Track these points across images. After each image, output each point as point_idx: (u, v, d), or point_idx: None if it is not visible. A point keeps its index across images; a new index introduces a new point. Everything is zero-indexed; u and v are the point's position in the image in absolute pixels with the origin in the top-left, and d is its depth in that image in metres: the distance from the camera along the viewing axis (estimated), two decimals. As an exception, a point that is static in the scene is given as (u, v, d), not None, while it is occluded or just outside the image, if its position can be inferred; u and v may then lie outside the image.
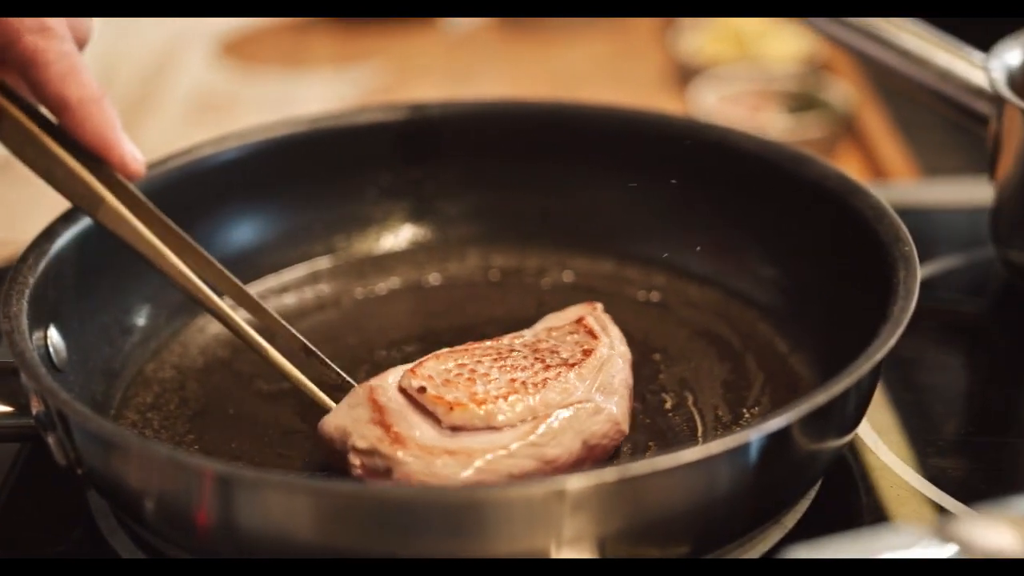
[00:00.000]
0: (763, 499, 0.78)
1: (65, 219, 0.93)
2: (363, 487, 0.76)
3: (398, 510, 0.71)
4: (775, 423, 0.73)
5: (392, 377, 0.83)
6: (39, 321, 0.85)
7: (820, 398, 0.74)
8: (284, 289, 1.06)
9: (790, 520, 0.82)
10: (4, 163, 1.73)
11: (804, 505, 0.84)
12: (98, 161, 0.87)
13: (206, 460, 0.72)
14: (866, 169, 1.63)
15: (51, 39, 0.83)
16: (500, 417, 0.79)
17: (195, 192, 1.02)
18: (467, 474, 0.77)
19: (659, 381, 0.94)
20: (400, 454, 0.77)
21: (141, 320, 0.98)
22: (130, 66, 2.03)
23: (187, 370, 0.96)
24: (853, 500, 0.86)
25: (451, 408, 0.79)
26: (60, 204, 0.93)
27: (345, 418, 0.80)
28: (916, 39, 1.10)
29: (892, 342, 0.78)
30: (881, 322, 0.81)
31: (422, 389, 0.80)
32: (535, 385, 0.81)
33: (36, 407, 0.79)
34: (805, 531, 0.82)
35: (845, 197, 0.94)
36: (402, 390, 0.81)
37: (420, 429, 0.78)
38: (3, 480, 0.88)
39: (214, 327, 1.00)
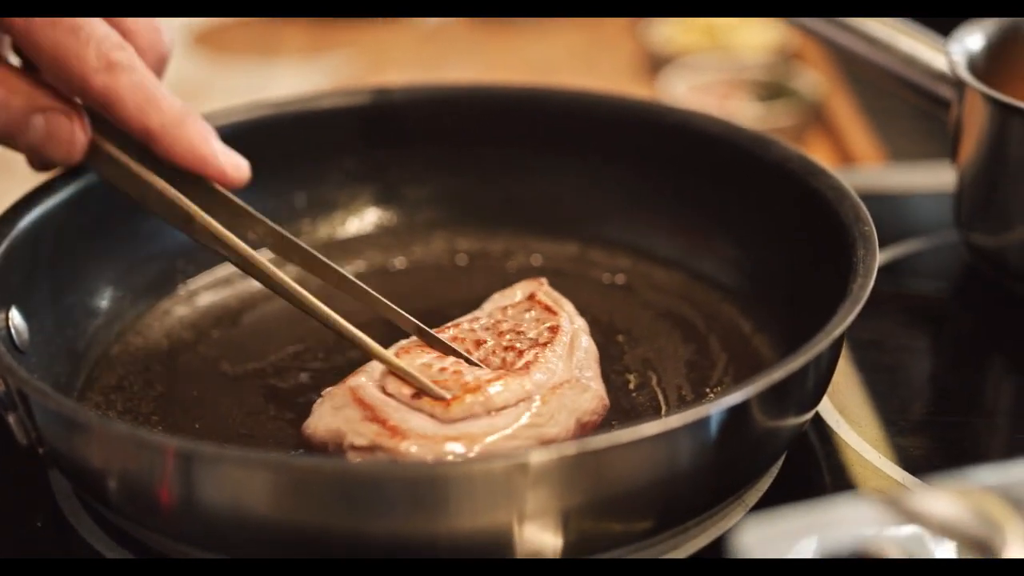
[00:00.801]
0: (724, 475, 0.78)
1: (25, 202, 0.92)
2: (324, 462, 0.76)
3: (360, 484, 0.71)
4: (734, 398, 0.73)
5: (365, 376, 0.83)
6: (1, 302, 0.85)
7: (779, 373, 0.75)
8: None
9: (752, 497, 0.83)
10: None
11: (766, 483, 0.84)
12: (197, 178, 0.89)
13: (166, 437, 0.72)
14: (835, 156, 1.64)
15: (120, 74, 0.84)
16: (496, 400, 0.79)
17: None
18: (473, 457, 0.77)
19: (623, 362, 0.94)
20: (404, 445, 0.77)
21: (105, 302, 0.97)
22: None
23: (152, 352, 0.96)
24: (815, 478, 0.87)
25: (450, 406, 0.79)
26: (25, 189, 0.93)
27: (334, 420, 0.80)
28: (880, 25, 1.11)
29: (850, 319, 0.79)
30: (840, 300, 0.81)
31: (416, 395, 0.80)
32: (521, 367, 0.81)
33: (-3, 387, 0.79)
34: (766, 508, 0.82)
35: (806, 179, 0.94)
36: (387, 394, 0.81)
37: (415, 421, 0.78)
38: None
39: (179, 310, 1.01)
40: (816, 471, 0.87)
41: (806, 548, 0.54)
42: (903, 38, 1.10)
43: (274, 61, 1.99)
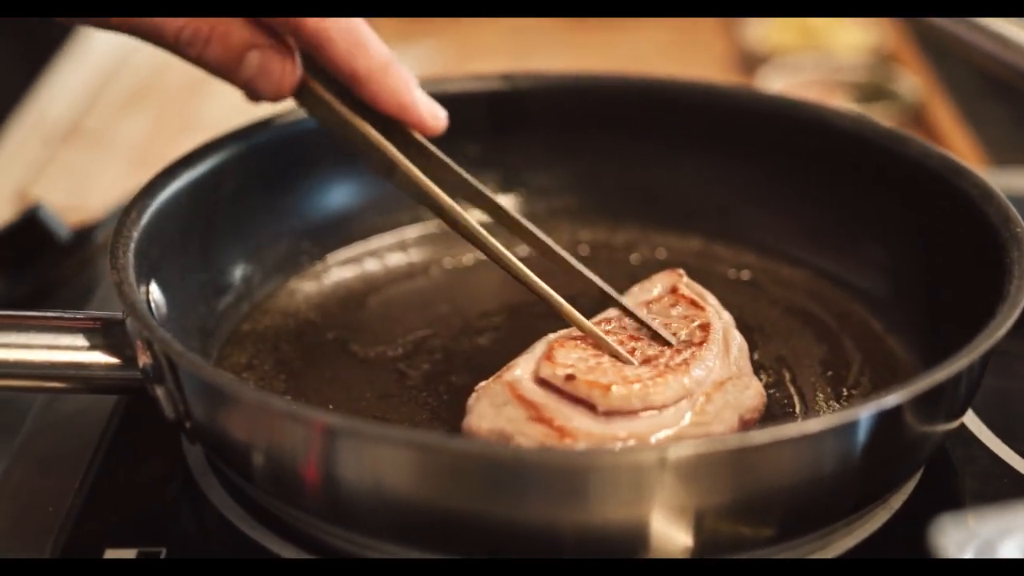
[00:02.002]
0: (872, 478, 0.77)
1: (164, 176, 0.92)
2: (480, 444, 0.75)
3: (508, 469, 0.70)
4: (893, 398, 0.72)
5: (521, 370, 0.82)
6: (142, 276, 0.85)
7: (939, 376, 0.74)
8: (374, 255, 1.05)
9: (896, 501, 0.82)
10: (69, 131, 1.74)
11: (910, 486, 0.83)
12: (397, 124, 0.90)
13: (326, 413, 0.71)
14: (935, 161, 1.62)
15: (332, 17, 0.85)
16: (658, 397, 0.78)
17: (287, 155, 1.02)
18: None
19: (755, 359, 0.93)
20: (575, 448, 0.76)
21: (235, 281, 0.97)
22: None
23: (280, 332, 0.96)
24: (958, 483, 0.85)
25: (608, 389, 0.77)
26: (123, 171, 0.93)
27: (497, 419, 0.78)
28: (1008, 23, 1.09)
29: (1010, 322, 0.77)
30: (996, 302, 0.80)
31: (570, 377, 0.78)
32: (679, 365, 0.80)
33: (143, 359, 0.79)
34: (911, 514, 0.81)
35: (949, 177, 0.93)
36: (542, 382, 0.80)
37: (579, 419, 0.77)
38: (100, 434, 0.88)
39: (306, 290, 1.00)
40: (957, 476, 0.86)
41: (1010, 550, 0.53)
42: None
43: (363, 48, 1.99)
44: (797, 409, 0.89)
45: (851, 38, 1.86)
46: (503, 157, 1.10)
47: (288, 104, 1.02)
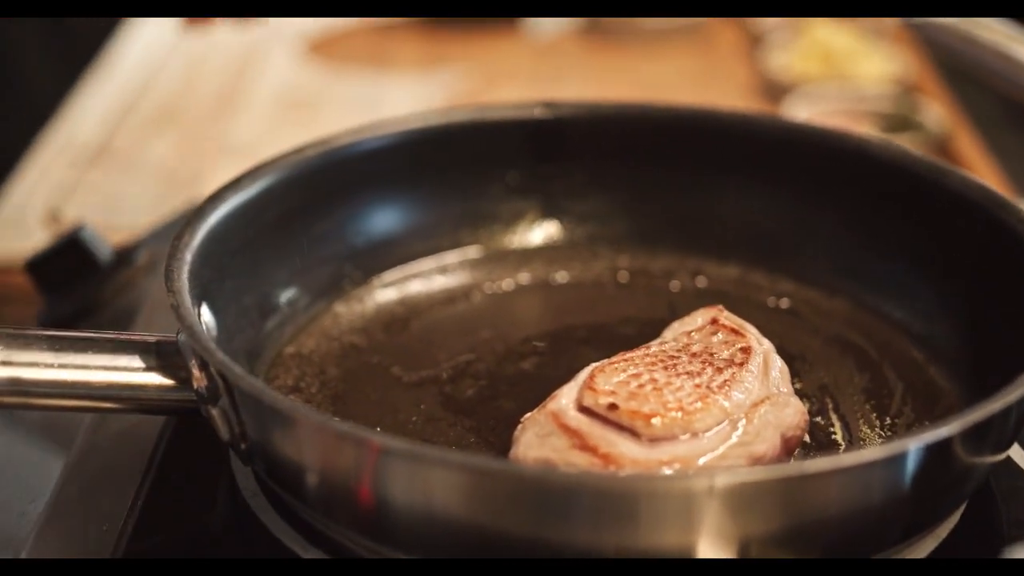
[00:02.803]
0: (919, 508, 0.77)
1: (213, 200, 0.94)
2: (555, 471, 0.76)
3: (562, 493, 0.71)
4: (946, 430, 0.73)
5: (565, 399, 0.82)
6: (194, 298, 0.86)
7: (990, 408, 0.74)
8: (414, 280, 1.06)
9: (944, 530, 0.82)
10: (97, 152, 1.75)
11: (956, 516, 0.83)
12: None
13: (384, 436, 0.72)
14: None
15: None
16: (700, 424, 0.79)
17: (331, 180, 1.03)
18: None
19: (797, 386, 0.94)
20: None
21: (281, 303, 0.98)
22: (215, 61, 2.04)
23: (325, 355, 0.97)
24: (1000, 517, 0.86)
25: (651, 420, 0.78)
26: (151, 191, 0.93)
27: (543, 449, 0.79)
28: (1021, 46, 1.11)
29: (1060, 353, 0.78)
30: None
31: (613, 406, 0.79)
32: (719, 388, 0.81)
33: (198, 381, 0.79)
34: (956, 544, 0.82)
35: (991, 209, 0.94)
36: (584, 409, 0.80)
37: (623, 446, 0.78)
38: (151, 454, 0.88)
39: (349, 313, 1.01)
40: (1000, 507, 0.86)
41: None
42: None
43: (387, 73, 2.00)
44: (840, 437, 0.89)
45: (874, 67, 1.87)
46: (544, 185, 1.11)
47: (330, 130, 1.03)
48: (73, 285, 1.12)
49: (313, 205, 1.02)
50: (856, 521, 0.74)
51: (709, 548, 0.72)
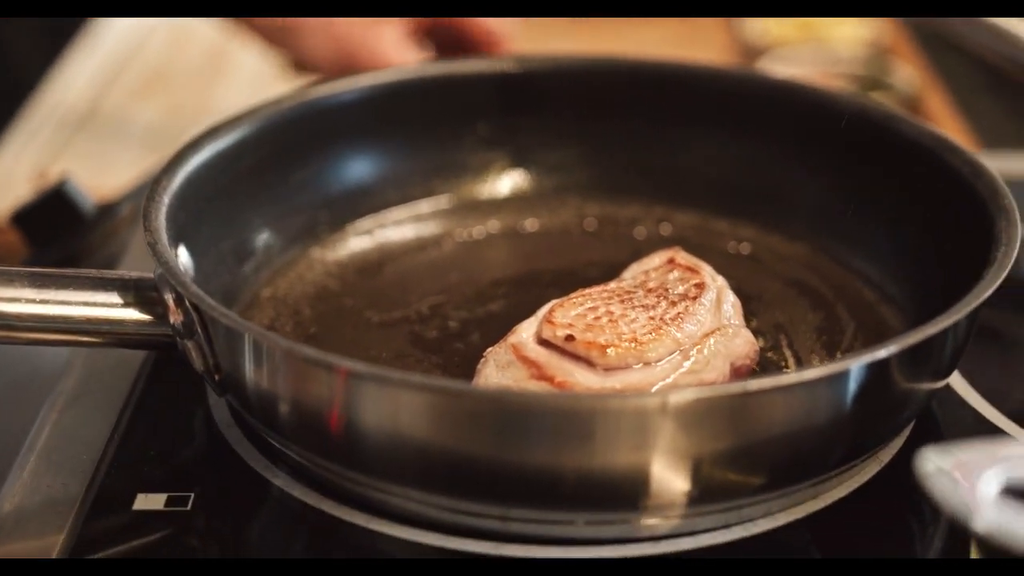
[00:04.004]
0: (859, 432, 0.81)
1: (191, 147, 0.97)
2: (507, 391, 0.80)
3: (518, 413, 0.74)
4: (880, 353, 0.76)
5: (526, 332, 0.86)
6: (172, 240, 0.89)
7: (927, 331, 0.78)
8: (388, 227, 1.09)
9: (886, 455, 0.86)
10: (86, 115, 1.78)
11: (898, 443, 0.87)
12: None
13: (349, 360, 0.75)
14: (930, 150, 1.66)
15: None
16: (652, 353, 0.82)
17: (307, 130, 1.06)
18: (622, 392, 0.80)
19: (753, 325, 0.97)
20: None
21: (257, 248, 1.02)
22: (205, 27, 2.07)
23: (300, 297, 1.00)
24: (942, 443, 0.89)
25: (606, 350, 0.82)
26: (138, 154, 0.97)
27: (502, 379, 0.83)
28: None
29: (996, 284, 0.82)
30: (978, 269, 0.84)
31: (569, 337, 0.83)
32: (672, 320, 0.85)
33: (174, 315, 0.83)
34: (899, 467, 0.85)
35: (941, 155, 0.97)
36: (543, 342, 0.84)
37: (579, 375, 0.81)
38: (130, 388, 0.92)
39: (324, 259, 1.05)
40: (944, 435, 0.90)
41: (994, 477, 0.57)
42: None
43: (372, 38, 2.03)
44: (792, 369, 0.93)
45: (849, 31, 1.90)
46: (514, 136, 1.14)
47: (305, 80, 1.06)
48: (57, 236, 1.15)
49: (289, 154, 1.05)
50: (800, 441, 0.78)
51: (662, 467, 0.75)
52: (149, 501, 0.82)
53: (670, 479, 0.76)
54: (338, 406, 0.77)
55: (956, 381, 0.93)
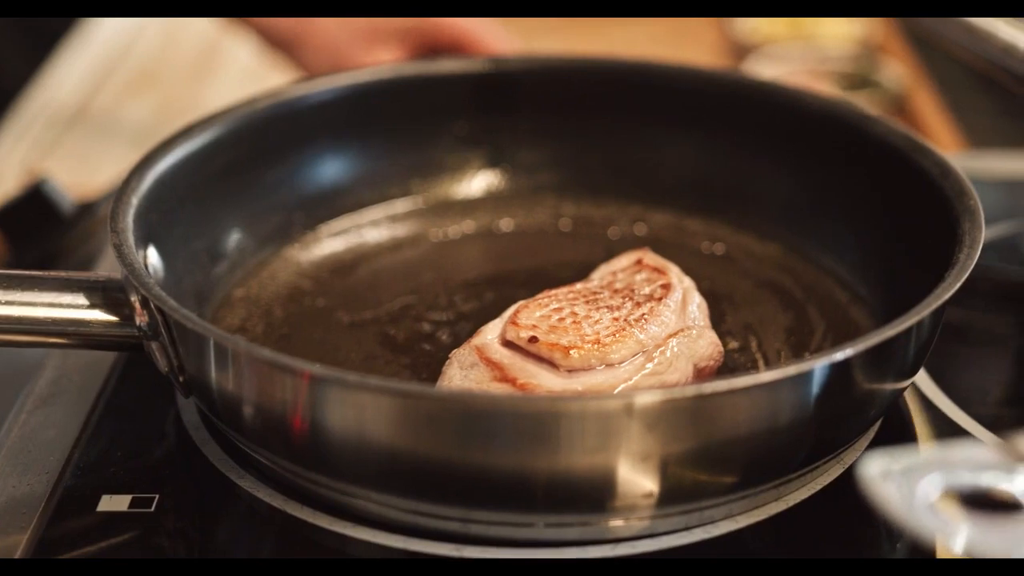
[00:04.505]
0: (823, 432, 0.81)
1: (164, 148, 0.97)
2: (461, 392, 0.80)
3: (490, 416, 0.74)
4: (840, 354, 0.76)
5: (491, 334, 0.86)
6: (141, 240, 0.90)
7: (887, 333, 0.78)
8: (363, 227, 1.10)
9: (850, 457, 0.86)
10: (76, 113, 1.79)
11: (863, 444, 0.87)
12: None
13: (307, 363, 0.76)
14: (917, 148, 1.66)
15: None
16: (615, 355, 0.82)
17: (283, 130, 1.07)
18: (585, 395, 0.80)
19: (724, 326, 0.97)
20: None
21: (229, 248, 1.02)
22: (196, 25, 2.08)
23: (273, 297, 1.01)
24: (907, 445, 0.90)
25: (568, 352, 0.82)
26: (127, 152, 0.98)
27: (465, 380, 0.83)
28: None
29: (957, 286, 0.82)
30: (945, 269, 0.84)
31: (533, 339, 0.83)
32: (636, 321, 0.85)
33: (140, 317, 0.83)
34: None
35: (911, 155, 0.98)
36: (507, 343, 0.84)
37: (541, 377, 0.82)
38: (100, 389, 0.92)
39: (298, 259, 1.05)
40: (909, 436, 0.90)
41: (933, 482, 0.57)
42: (1002, 26, 1.13)
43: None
44: (762, 370, 0.93)
45: (839, 28, 1.90)
46: (491, 135, 1.14)
47: (283, 80, 1.07)
48: (37, 235, 1.16)
49: (264, 154, 1.06)
50: (761, 443, 0.78)
51: (620, 469, 0.75)
52: (114, 503, 0.82)
53: (629, 482, 0.76)
54: (300, 409, 0.77)
55: (923, 380, 0.94)
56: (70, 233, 1.17)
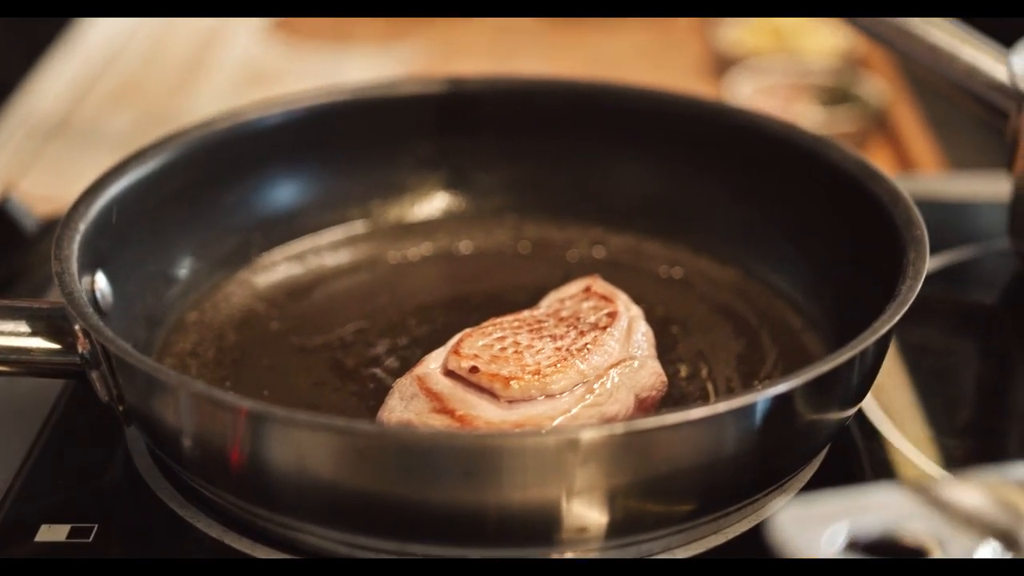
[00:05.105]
0: (766, 463, 0.81)
1: (116, 171, 0.97)
2: (386, 429, 0.80)
3: (418, 452, 0.74)
4: (778, 388, 0.76)
5: (434, 363, 0.86)
6: (88, 266, 0.90)
7: (822, 368, 0.78)
8: (321, 250, 1.10)
9: (793, 487, 0.86)
10: (59, 124, 1.79)
11: (808, 474, 0.87)
12: None
13: (238, 397, 0.76)
14: (896, 163, 1.65)
15: None
16: (555, 385, 0.82)
17: (240, 152, 1.07)
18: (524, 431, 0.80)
19: (676, 352, 0.97)
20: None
21: (184, 272, 1.02)
22: (180, 37, 2.08)
23: (226, 321, 1.01)
24: (856, 474, 0.89)
25: (508, 383, 0.82)
26: (107, 164, 0.98)
27: (405, 412, 0.83)
28: (943, 34, 1.13)
29: (895, 319, 0.81)
30: (888, 300, 0.84)
31: (474, 369, 0.83)
32: (579, 351, 0.85)
33: (82, 346, 0.83)
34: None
35: (864, 182, 0.97)
36: (450, 373, 0.84)
37: (481, 408, 0.81)
38: (45, 418, 0.92)
39: (254, 282, 1.05)
40: (858, 467, 0.90)
41: (838, 532, 0.57)
42: (965, 48, 1.13)
43: (347, 49, 2.03)
44: (711, 400, 0.93)
45: (822, 42, 1.90)
46: (451, 157, 1.14)
47: (240, 100, 1.07)
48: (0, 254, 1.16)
49: (221, 176, 1.06)
50: (696, 476, 0.78)
51: (577, 504, 0.75)
52: (52, 532, 0.82)
53: (558, 517, 0.76)
54: (236, 443, 0.77)
55: (871, 408, 0.93)
56: (33, 252, 1.17)
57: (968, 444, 0.94)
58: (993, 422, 0.97)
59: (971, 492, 0.61)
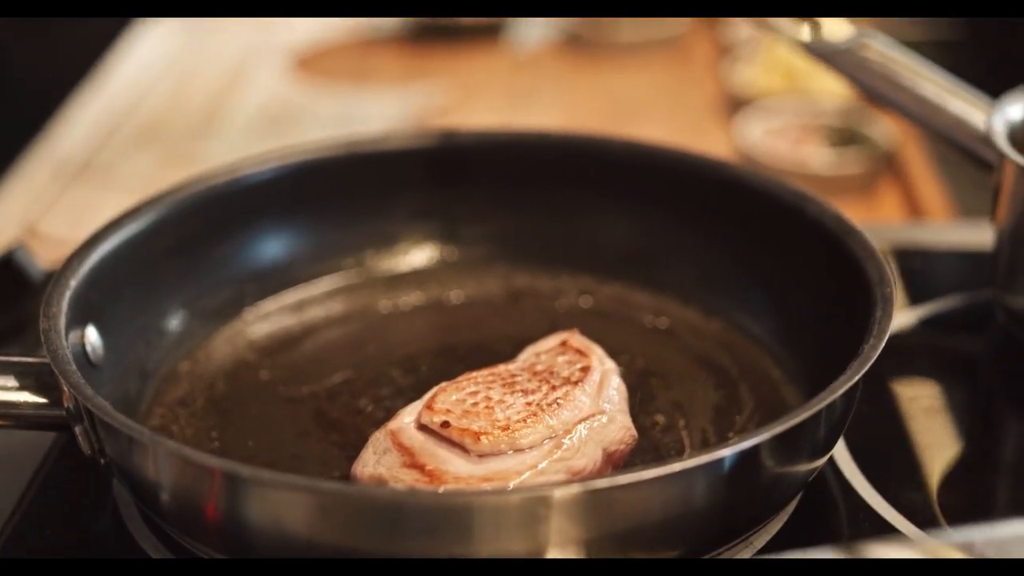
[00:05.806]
0: (733, 515, 0.82)
1: (110, 227, 1.00)
2: (356, 487, 0.82)
3: (390, 510, 0.76)
4: (742, 444, 0.78)
5: (408, 417, 0.88)
6: (79, 321, 0.93)
7: (785, 424, 0.79)
8: (314, 299, 1.12)
9: (760, 540, 0.87)
10: (82, 166, 1.83)
11: (777, 526, 0.88)
12: None
13: (208, 456, 0.78)
14: (904, 206, 1.66)
15: None
16: (524, 440, 0.84)
17: (234, 207, 1.10)
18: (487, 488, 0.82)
19: (654, 403, 0.99)
20: (442, 490, 0.82)
21: (176, 324, 1.05)
22: (204, 78, 2.12)
23: (217, 371, 1.03)
24: (824, 526, 0.91)
25: (478, 438, 0.84)
26: (127, 206, 1.01)
27: (377, 467, 0.85)
28: (931, 86, 1.15)
29: (856, 378, 0.83)
30: (852, 357, 0.85)
31: (445, 424, 0.85)
32: (549, 405, 0.87)
33: (67, 401, 0.86)
34: (774, 550, 0.87)
35: (841, 237, 0.99)
36: (422, 427, 0.86)
37: (451, 463, 0.83)
38: (37, 467, 0.95)
39: (247, 333, 1.08)
40: (825, 519, 0.91)
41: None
42: (952, 100, 1.14)
43: (368, 87, 2.06)
44: (685, 453, 0.94)
45: (834, 83, 1.91)
46: (443, 208, 1.17)
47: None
48: (6, 303, 1.19)
49: (214, 231, 1.09)
50: (658, 531, 0.79)
51: (553, 553, 0.77)
52: (35, 581, 0.84)
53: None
54: (209, 498, 0.79)
55: (842, 456, 0.95)
56: (38, 301, 1.20)
57: (943, 497, 0.95)
58: (969, 475, 0.98)
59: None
